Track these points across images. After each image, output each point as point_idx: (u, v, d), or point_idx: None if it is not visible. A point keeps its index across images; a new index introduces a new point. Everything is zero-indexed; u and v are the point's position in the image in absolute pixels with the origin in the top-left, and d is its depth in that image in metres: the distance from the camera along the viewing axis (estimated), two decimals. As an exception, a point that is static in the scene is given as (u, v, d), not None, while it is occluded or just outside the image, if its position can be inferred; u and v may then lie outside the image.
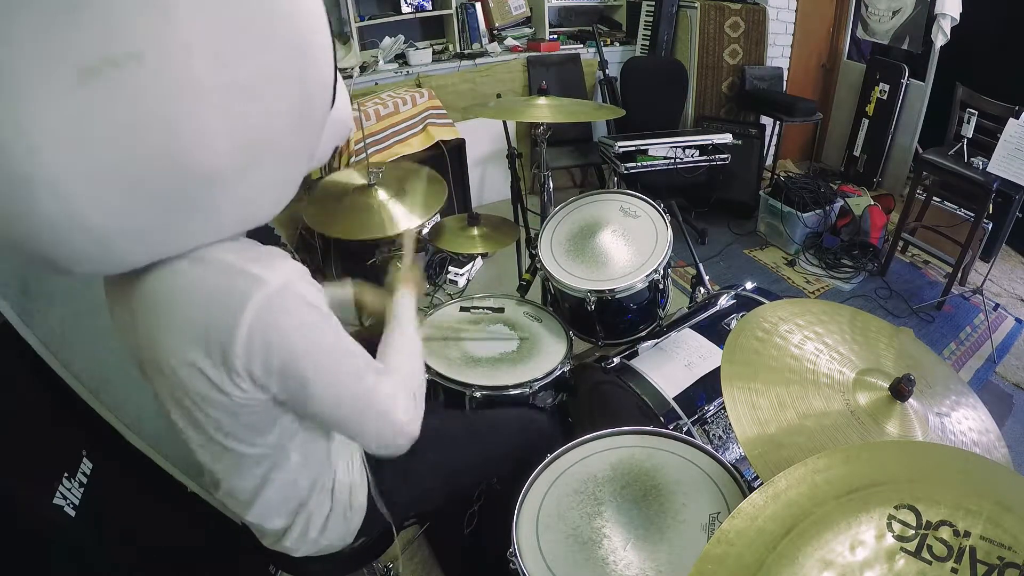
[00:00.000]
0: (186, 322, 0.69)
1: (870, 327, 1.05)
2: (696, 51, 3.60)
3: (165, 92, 0.55)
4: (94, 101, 0.52)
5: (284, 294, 0.70)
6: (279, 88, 0.64)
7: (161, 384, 0.76)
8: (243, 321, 0.67)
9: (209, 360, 0.69)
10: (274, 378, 0.72)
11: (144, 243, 0.65)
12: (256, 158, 0.65)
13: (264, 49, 0.61)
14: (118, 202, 0.57)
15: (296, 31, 0.64)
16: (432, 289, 2.85)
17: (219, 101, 0.58)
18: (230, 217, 0.69)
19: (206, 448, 0.81)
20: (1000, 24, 3.18)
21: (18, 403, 1.07)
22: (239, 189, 0.65)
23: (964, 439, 0.91)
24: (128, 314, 0.74)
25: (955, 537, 0.56)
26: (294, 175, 0.74)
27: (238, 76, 0.59)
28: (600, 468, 1.09)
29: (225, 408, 0.74)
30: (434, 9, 3.44)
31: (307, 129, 0.72)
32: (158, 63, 0.54)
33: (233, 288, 0.68)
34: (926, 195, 2.99)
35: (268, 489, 0.87)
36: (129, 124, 0.54)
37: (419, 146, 2.85)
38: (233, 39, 0.58)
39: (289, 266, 0.72)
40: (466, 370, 1.45)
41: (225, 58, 0.57)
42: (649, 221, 1.65)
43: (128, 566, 1.15)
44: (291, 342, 0.71)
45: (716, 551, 0.59)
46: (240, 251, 0.72)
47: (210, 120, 0.58)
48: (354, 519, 0.99)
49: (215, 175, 0.61)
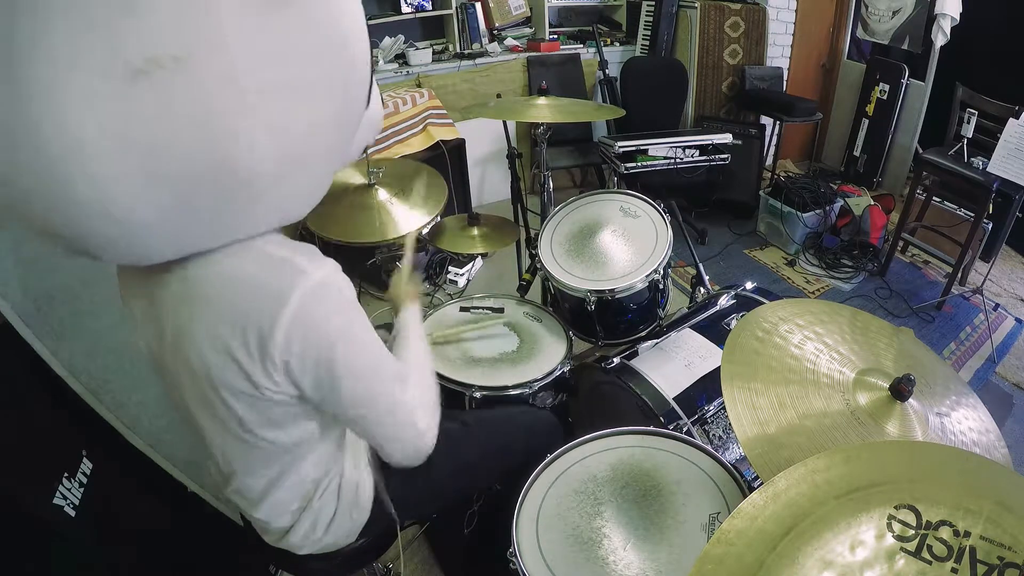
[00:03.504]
0: (225, 310, 0.69)
1: (870, 327, 1.05)
2: (696, 51, 3.60)
3: (209, 95, 0.55)
4: (139, 100, 0.52)
5: (327, 287, 0.70)
6: (324, 92, 0.64)
7: (184, 377, 0.75)
8: (286, 311, 0.67)
9: (245, 349, 0.69)
10: (308, 371, 0.72)
11: (178, 239, 0.65)
12: (297, 162, 0.65)
13: (309, 53, 0.61)
14: (156, 200, 0.58)
15: (339, 35, 0.64)
16: (432, 289, 2.85)
17: (263, 106, 0.58)
18: (266, 216, 0.69)
19: (224, 444, 0.81)
20: (1000, 24, 3.18)
21: (18, 403, 1.07)
22: (277, 190, 0.66)
23: (964, 439, 0.91)
24: (154, 303, 0.74)
25: (955, 537, 0.56)
26: (328, 175, 0.75)
27: (283, 80, 0.59)
28: (600, 468, 1.09)
29: (251, 402, 0.74)
30: (434, 9, 3.44)
31: (345, 130, 0.72)
32: (204, 65, 0.54)
33: (277, 277, 0.69)
34: (926, 195, 2.99)
35: (279, 487, 0.87)
36: (172, 125, 0.54)
37: (419, 146, 2.85)
38: (278, 43, 0.58)
39: (328, 260, 0.73)
40: (466, 370, 1.45)
41: (270, 62, 0.58)
42: (649, 221, 1.65)
43: (128, 566, 1.16)
44: (330, 336, 0.71)
45: (716, 551, 0.59)
46: (280, 243, 0.73)
47: (254, 124, 0.58)
48: (359, 518, 0.99)
49: (255, 178, 0.62)
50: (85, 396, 1.21)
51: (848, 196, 3.25)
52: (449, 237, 1.76)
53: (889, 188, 3.71)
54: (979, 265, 2.93)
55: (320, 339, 0.71)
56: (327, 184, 0.76)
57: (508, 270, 2.61)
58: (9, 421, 1.01)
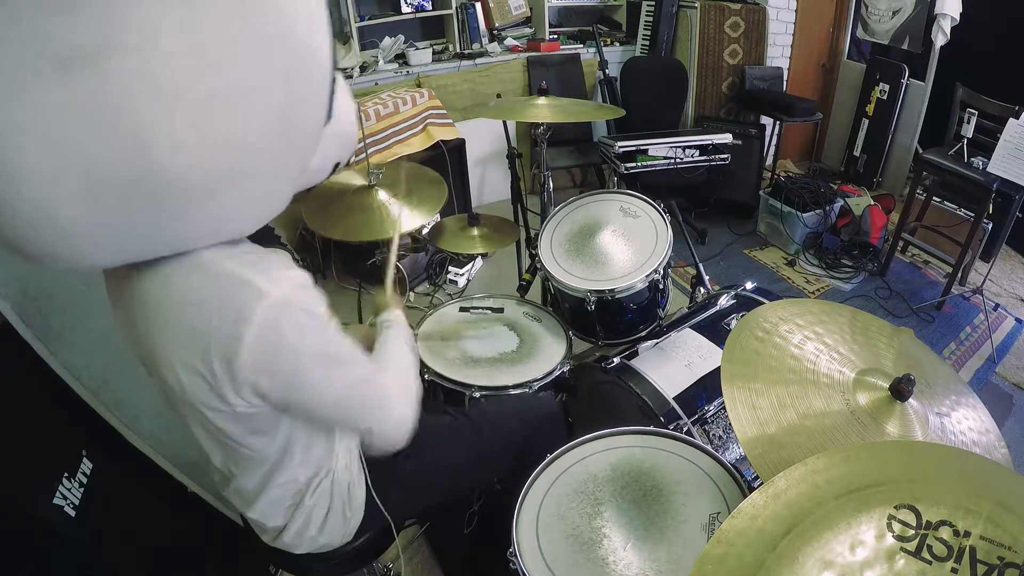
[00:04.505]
0: (187, 332, 0.68)
1: (870, 327, 1.05)
2: (696, 51, 3.60)
3: (137, 91, 0.53)
4: (67, 94, 0.51)
5: (287, 306, 0.69)
6: (259, 105, 0.61)
7: (164, 388, 0.76)
8: (246, 335, 0.67)
9: (211, 372, 0.69)
10: (279, 389, 0.73)
11: (115, 243, 0.62)
12: (230, 172, 0.62)
13: (245, 64, 0.58)
14: (85, 198, 0.56)
15: (285, 51, 0.61)
16: (432, 289, 2.85)
17: (192, 109, 0.56)
18: (205, 227, 0.66)
19: (214, 448, 0.83)
20: (1000, 24, 3.18)
21: (18, 403, 1.07)
22: (214, 201, 0.63)
23: (964, 439, 0.91)
24: (128, 316, 0.74)
25: (955, 537, 0.56)
26: (278, 191, 0.72)
27: (213, 87, 0.56)
28: (600, 468, 1.09)
29: (228, 416, 0.75)
30: (434, 9, 3.44)
31: (293, 146, 0.69)
32: (133, 61, 0.52)
33: (234, 300, 0.67)
34: (926, 195, 2.99)
35: (271, 487, 0.88)
36: (99, 120, 0.53)
37: (419, 146, 2.85)
38: (211, 49, 0.56)
39: (289, 274, 0.71)
40: (466, 370, 1.45)
41: (201, 66, 0.55)
42: (649, 221, 1.65)
43: (128, 566, 1.16)
44: (295, 354, 0.71)
45: (716, 551, 0.59)
46: (238, 256, 0.71)
47: (181, 127, 0.56)
48: (353, 518, 1.00)
49: (184, 183, 0.59)
50: (85, 396, 1.21)
51: (848, 196, 3.25)
52: (449, 237, 1.76)
53: (889, 188, 3.71)
54: (979, 265, 2.93)
55: (284, 358, 0.71)
56: (281, 200, 0.73)
57: (508, 270, 2.61)
58: (9, 421, 1.01)
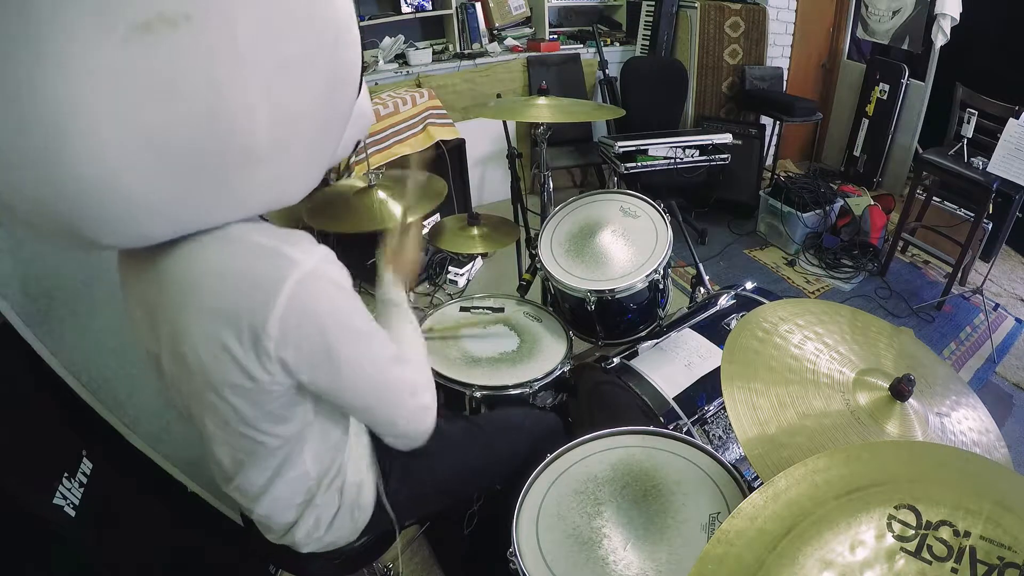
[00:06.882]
0: (216, 303, 0.68)
1: (870, 327, 1.05)
2: (696, 51, 3.60)
3: (210, 57, 0.56)
4: (139, 57, 0.52)
5: (318, 276, 0.70)
6: (317, 69, 0.65)
7: (180, 374, 0.75)
8: (278, 303, 0.67)
9: (239, 343, 0.68)
10: (304, 362, 0.72)
11: (172, 214, 0.64)
12: (291, 137, 0.66)
13: (305, 31, 0.63)
14: (152, 165, 0.57)
15: (334, 16, 0.66)
16: (432, 289, 2.85)
17: (261, 75, 0.59)
18: (259, 194, 0.69)
19: (222, 440, 0.81)
20: (1000, 24, 3.18)
21: (18, 403, 1.07)
22: (272, 166, 0.66)
23: (964, 439, 0.91)
24: (149, 298, 0.74)
25: (955, 537, 0.56)
26: (321, 161, 0.75)
27: (280, 54, 0.61)
28: (600, 468, 1.09)
29: (248, 395, 0.73)
30: (434, 9, 3.44)
31: (336, 114, 0.73)
32: (205, 27, 0.54)
33: (268, 269, 0.68)
34: (926, 195, 2.99)
35: (279, 483, 0.87)
36: (172, 84, 0.55)
37: (419, 146, 2.85)
38: (276, 18, 0.60)
39: (319, 248, 0.72)
40: (466, 370, 1.45)
41: (269, 34, 0.59)
42: (649, 221, 1.65)
43: (128, 566, 1.15)
44: (324, 325, 0.71)
45: (716, 551, 0.59)
46: (268, 230, 0.72)
47: (252, 91, 0.59)
48: (360, 518, 1.00)
49: (251, 148, 0.62)
50: (85, 396, 1.21)
51: (848, 196, 3.25)
52: (449, 237, 1.76)
53: (889, 188, 3.71)
54: (979, 265, 2.93)
55: (314, 330, 0.70)
56: (320, 172, 0.76)
57: (508, 270, 2.61)
58: (9, 421, 1.01)
